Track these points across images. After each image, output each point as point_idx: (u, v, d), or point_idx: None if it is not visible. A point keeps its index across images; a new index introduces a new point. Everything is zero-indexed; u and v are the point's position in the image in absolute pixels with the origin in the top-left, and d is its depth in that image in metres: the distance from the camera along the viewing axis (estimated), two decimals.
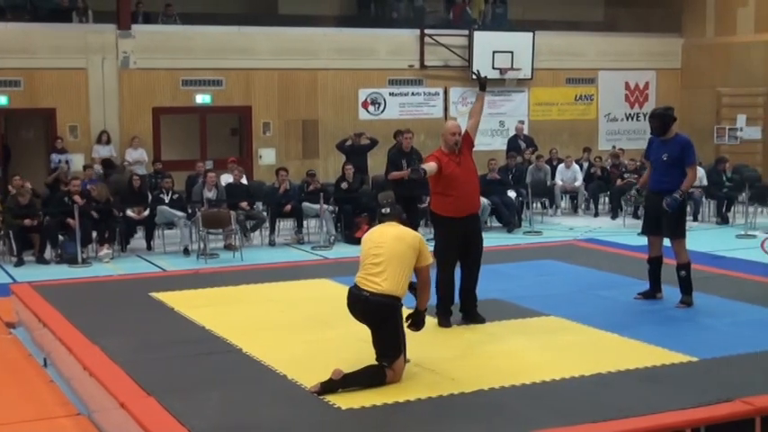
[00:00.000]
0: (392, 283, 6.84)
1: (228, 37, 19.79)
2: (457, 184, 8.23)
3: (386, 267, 6.86)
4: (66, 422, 6.87)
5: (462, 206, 8.35)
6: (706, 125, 22.34)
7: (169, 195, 15.63)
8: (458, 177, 8.24)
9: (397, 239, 6.99)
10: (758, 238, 15.88)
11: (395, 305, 6.90)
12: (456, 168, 8.31)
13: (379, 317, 6.89)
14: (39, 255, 14.30)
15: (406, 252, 6.94)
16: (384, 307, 6.85)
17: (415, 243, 7.02)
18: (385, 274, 6.85)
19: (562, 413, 6.15)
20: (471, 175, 8.49)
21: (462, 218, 8.37)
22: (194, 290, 10.36)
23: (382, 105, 21.07)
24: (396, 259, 6.89)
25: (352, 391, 6.59)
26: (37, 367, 8.38)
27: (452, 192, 8.34)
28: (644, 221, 9.71)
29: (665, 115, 9.28)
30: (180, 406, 6.29)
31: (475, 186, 8.59)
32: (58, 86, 18.56)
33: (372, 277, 6.87)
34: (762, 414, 6.12)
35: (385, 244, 6.97)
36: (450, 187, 8.33)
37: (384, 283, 6.82)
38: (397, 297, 6.89)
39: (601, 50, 23.03)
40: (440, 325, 8.45)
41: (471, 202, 8.48)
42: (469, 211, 8.45)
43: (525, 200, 17.74)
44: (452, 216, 8.34)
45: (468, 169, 8.44)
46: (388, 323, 6.89)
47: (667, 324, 8.64)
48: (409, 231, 7.16)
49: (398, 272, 6.87)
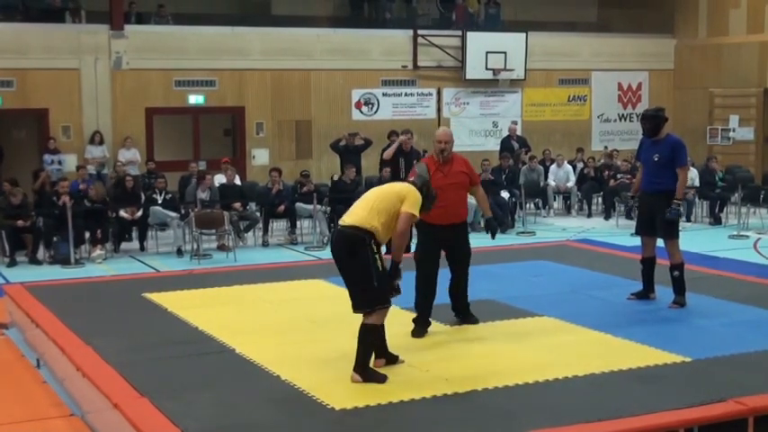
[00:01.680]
0: (362, 216, 6.89)
1: (221, 37, 19.77)
2: (440, 193, 7.90)
3: (362, 204, 7.00)
4: (60, 423, 6.86)
5: (445, 215, 8.21)
6: (699, 126, 22.39)
7: (162, 196, 15.61)
8: (441, 187, 7.98)
9: (388, 187, 7.18)
10: (751, 239, 15.93)
11: (362, 237, 6.84)
12: (441, 179, 8.20)
13: (345, 250, 6.90)
14: (31, 255, 14.28)
15: (389, 194, 7.03)
16: (351, 237, 6.87)
17: (402, 190, 7.07)
18: (358, 208, 6.98)
19: (555, 413, 6.15)
20: (457, 188, 8.34)
21: (445, 226, 8.29)
22: (187, 290, 10.36)
23: (375, 106, 21.07)
24: (375, 199, 7.00)
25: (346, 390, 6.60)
26: (30, 368, 8.36)
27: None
28: (637, 222, 9.73)
29: (657, 116, 9.29)
30: (173, 406, 6.28)
31: (460, 197, 8.43)
32: (51, 87, 18.51)
33: (348, 214, 7.01)
34: (755, 414, 6.14)
35: (375, 190, 7.17)
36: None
37: (355, 216, 6.92)
38: (365, 230, 6.85)
39: (594, 51, 23.05)
40: (412, 334, 8.22)
41: (454, 212, 8.36)
42: (452, 220, 8.35)
43: (518, 200, 17.76)
44: (434, 223, 8.19)
45: (454, 181, 8.31)
46: (356, 257, 6.85)
47: (660, 324, 8.65)
48: (404, 184, 7.24)
49: (372, 207, 6.92)
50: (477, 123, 22.02)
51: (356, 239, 6.86)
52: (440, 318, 8.54)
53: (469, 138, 21.84)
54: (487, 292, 9.79)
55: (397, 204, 6.99)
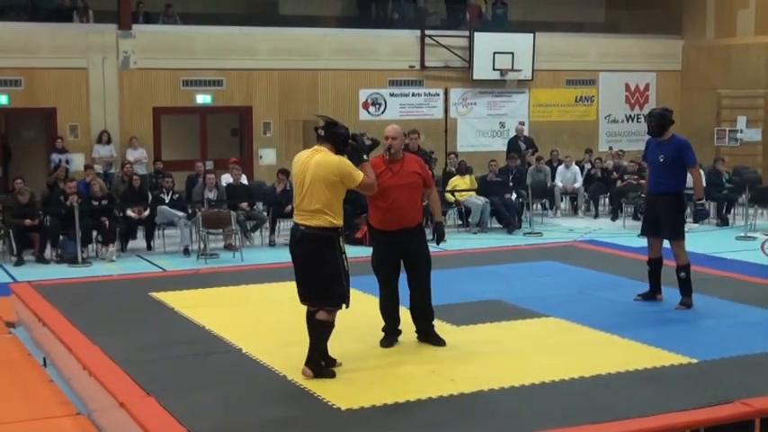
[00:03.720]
0: (321, 216, 6.84)
1: (229, 37, 19.80)
2: (388, 194, 7.58)
3: (312, 199, 6.86)
4: (66, 422, 6.87)
5: (393, 218, 7.67)
6: (706, 127, 22.35)
7: (169, 195, 15.63)
8: (389, 188, 7.57)
9: (319, 170, 6.89)
10: (758, 240, 15.89)
11: (330, 236, 6.89)
12: (390, 178, 7.64)
13: (315, 252, 6.89)
14: (39, 254, 14.31)
15: (327, 180, 6.87)
16: (319, 239, 6.88)
17: (335, 170, 6.89)
18: (311, 204, 6.86)
19: (562, 414, 6.15)
20: (408, 189, 7.70)
21: (395, 231, 7.68)
22: (194, 290, 10.37)
23: (383, 106, 21.07)
24: (320, 190, 6.85)
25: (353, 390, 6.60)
26: (36, 367, 8.37)
27: (382, 203, 7.68)
28: (643, 223, 9.71)
29: (663, 116, 9.29)
30: (179, 406, 6.29)
31: (411, 199, 7.75)
32: (59, 86, 18.56)
33: (304, 213, 6.92)
34: (761, 416, 6.13)
35: (309, 170, 6.92)
36: (381, 198, 7.64)
37: (314, 218, 6.85)
38: (331, 229, 6.88)
39: (601, 52, 23.04)
40: (381, 345, 7.86)
41: (405, 215, 7.69)
42: (402, 224, 7.69)
43: (525, 201, 17.74)
44: (383, 229, 7.75)
45: (405, 182, 7.69)
46: (326, 258, 6.88)
47: (667, 325, 8.64)
48: (331, 158, 6.95)
49: (323, 202, 6.85)
50: (485, 124, 22.01)
51: (325, 240, 6.89)
52: (446, 318, 8.53)
53: (476, 138, 21.86)
54: (494, 292, 9.79)
55: (340, 187, 6.94)
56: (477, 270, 10.88)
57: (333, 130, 7.11)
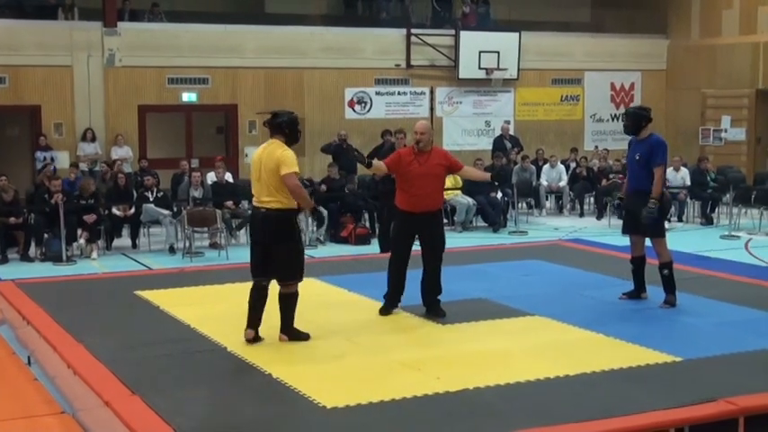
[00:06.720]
0: (278, 198, 7.58)
1: (215, 35, 19.75)
2: (414, 182, 8.63)
3: (265, 187, 7.63)
4: (51, 421, 6.84)
5: (417, 203, 8.67)
6: (691, 126, 22.44)
7: (154, 193, 15.59)
8: (416, 176, 8.62)
9: (268, 159, 7.61)
10: (742, 239, 15.96)
11: (289, 217, 7.69)
12: (417, 168, 8.66)
13: (278, 232, 7.64)
14: (23, 252, 14.25)
15: (270, 169, 7.58)
16: (280, 220, 7.64)
17: (276, 158, 7.57)
18: (264, 189, 7.64)
19: (546, 413, 6.16)
20: (432, 178, 8.73)
21: (417, 213, 8.67)
22: (180, 288, 10.35)
23: (368, 105, 21.07)
24: (268, 180, 7.59)
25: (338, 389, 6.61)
26: (21, 365, 8.33)
27: (409, 188, 8.71)
28: (623, 221, 9.74)
29: (638, 114, 9.31)
30: (165, 404, 6.28)
31: (434, 188, 8.82)
32: (44, 83, 18.48)
33: (261, 197, 7.71)
34: (745, 414, 6.15)
35: (262, 163, 7.67)
36: (408, 184, 8.71)
37: (273, 201, 7.60)
38: (290, 210, 7.65)
39: (587, 51, 23.07)
40: (380, 312, 8.78)
41: (427, 201, 8.73)
42: (424, 208, 8.70)
43: (511, 200, 17.77)
44: (407, 210, 8.72)
45: (430, 172, 8.70)
46: (288, 237, 7.68)
47: (651, 324, 8.68)
48: (276, 151, 7.63)
49: (275, 187, 7.57)
50: (470, 122, 22.04)
51: (285, 219, 7.67)
52: (431, 316, 8.53)
53: (462, 137, 21.88)
54: (479, 291, 9.81)
55: (277, 173, 7.57)
56: (462, 269, 10.88)
57: (276, 121, 7.81)
